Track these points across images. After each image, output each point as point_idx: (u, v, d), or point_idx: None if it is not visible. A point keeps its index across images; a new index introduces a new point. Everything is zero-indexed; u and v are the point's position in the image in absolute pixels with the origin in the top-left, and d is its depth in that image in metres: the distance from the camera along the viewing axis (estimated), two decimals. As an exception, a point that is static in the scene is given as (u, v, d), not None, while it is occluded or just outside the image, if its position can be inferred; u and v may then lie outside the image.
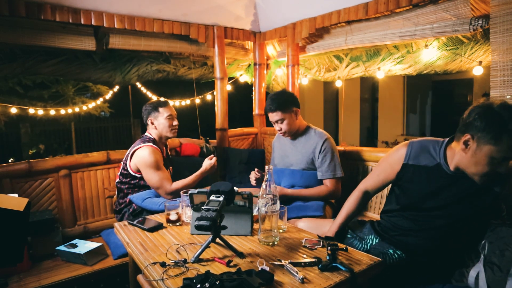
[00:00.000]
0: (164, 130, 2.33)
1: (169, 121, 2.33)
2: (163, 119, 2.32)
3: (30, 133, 8.21)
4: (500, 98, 1.76)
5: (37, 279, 1.85)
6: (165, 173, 2.23)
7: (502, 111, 1.25)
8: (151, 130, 2.37)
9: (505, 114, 1.24)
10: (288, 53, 3.09)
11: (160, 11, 2.71)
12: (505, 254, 1.29)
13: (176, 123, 2.37)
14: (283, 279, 1.16)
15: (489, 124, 1.26)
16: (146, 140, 2.28)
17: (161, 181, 2.17)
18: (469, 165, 1.35)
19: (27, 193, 2.28)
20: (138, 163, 2.21)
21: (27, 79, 4.17)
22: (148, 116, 2.35)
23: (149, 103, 2.42)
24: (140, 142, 2.28)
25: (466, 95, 8.43)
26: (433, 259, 1.49)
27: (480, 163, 1.31)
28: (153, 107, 2.35)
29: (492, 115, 1.26)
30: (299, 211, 2.05)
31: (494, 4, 1.76)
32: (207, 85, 4.17)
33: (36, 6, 2.25)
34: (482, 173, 1.33)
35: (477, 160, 1.31)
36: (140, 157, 2.20)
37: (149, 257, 1.36)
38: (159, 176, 2.18)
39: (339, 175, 2.16)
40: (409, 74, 3.20)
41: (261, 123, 3.60)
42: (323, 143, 2.17)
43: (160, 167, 2.21)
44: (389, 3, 2.24)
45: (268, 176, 1.44)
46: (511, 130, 1.24)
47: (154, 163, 2.18)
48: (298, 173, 2.24)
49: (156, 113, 2.33)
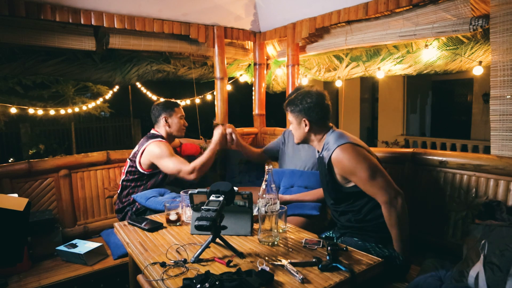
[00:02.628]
0: (176, 129, 2.40)
1: (182, 121, 2.42)
2: (177, 118, 2.39)
3: (30, 133, 8.21)
4: (500, 98, 1.76)
5: (37, 279, 1.84)
6: (180, 158, 2.27)
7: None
8: (160, 128, 2.39)
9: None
10: (288, 53, 3.09)
11: (160, 11, 2.71)
12: (505, 254, 1.29)
13: (186, 124, 2.45)
14: (283, 279, 1.16)
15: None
16: (154, 136, 2.33)
17: (179, 164, 2.20)
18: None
19: (27, 193, 2.28)
20: (152, 157, 2.24)
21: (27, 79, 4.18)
22: (162, 114, 2.38)
23: (163, 101, 2.47)
24: (148, 139, 2.31)
25: (466, 95, 8.44)
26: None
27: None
28: (169, 106, 2.41)
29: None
30: (295, 209, 2.06)
31: (494, 4, 1.76)
32: (207, 85, 4.17)
33: (36, 6, 2.25)
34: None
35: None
36: (152, 151, 2.24)
37: (149, 257, 1.36)
38: (176, 161, 2.21)
39: None
40: (409, 74, 3.20)
41: (261, 123, 3.60)
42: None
43: (174, 154, 2.26)
44: (389, 3, 2.24)
45: (268, 176, 1.44)
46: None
47: (167, 151, 2.22)
48: (298, 172, 2.24)
49: (171, 112, 2.39)
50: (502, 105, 1.76)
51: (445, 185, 1.91)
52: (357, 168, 1.58)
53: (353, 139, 1.67)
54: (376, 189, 1.57)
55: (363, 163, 1.58)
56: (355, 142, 1.64)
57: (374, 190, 1.58)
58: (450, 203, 1.89)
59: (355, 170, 1.58)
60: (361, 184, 1.60)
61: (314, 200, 2.13)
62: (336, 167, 1.65)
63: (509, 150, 1.74)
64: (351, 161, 1.58)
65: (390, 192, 1.56)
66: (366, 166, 1.57)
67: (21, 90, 4.85)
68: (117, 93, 6.40)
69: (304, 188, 2.21)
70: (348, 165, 1.59)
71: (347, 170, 1.61)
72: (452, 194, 1.89)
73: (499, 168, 1.70)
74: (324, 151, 1.71)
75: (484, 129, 7.15)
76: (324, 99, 1.74)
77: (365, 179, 1.57)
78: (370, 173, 1.56)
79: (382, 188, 1.56)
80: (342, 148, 1.61)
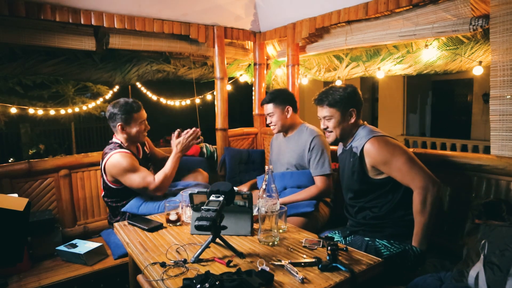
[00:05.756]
0: (135, 136, 2.16)
1: (142, 126, 2.16)
2: (136, 125, 2.13)
3: (30, 133, 8.20)
4: (500, 98, 1.76)
5: (37, 279, 1.85)
6: (145, 170, 2.08)
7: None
8: (119, 135, 2.17)
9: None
10: (288, 53, 3.09)
11: (160, 11, 2.71)
12: (505, 254, 1.28)
13: (148, 128, 2.21)
14: (283, 279, 1.16)
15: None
16: (113, 147, 2.11)
17: (144, 180, 2.02)
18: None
19: (27, 193, 2.28)
20: (114, 173, 2.04)
21: (27, 79, 4.17)
22: (118, 122, 2.11)
23: (118, 104, 2.13)
24: (107, 152, 2.10)
25: (466, 95, 8.43)
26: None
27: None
28: (126, 112, 2.10)
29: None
30: (290, 209, 2.05)
31: (494, 4, 1.76)
32: (207, 85, 4.17)
33: (36, 6, 2.25)
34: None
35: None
36: (113, 167, 2.03)
37: (149, 257, 1.36)
38: (140, 176, 2.03)
39: (329, 171, 2.16)
40: (409, 74, 3.20)
41: (261, 123, 3.60)
42: (313, 140, 2.19)
43: (137, 167, 2.05)
44: (389, 3, 2.24)
45: (268, 176, 1.45)
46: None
47: (129, 166, 2.01)
48: (288, 174, 2.26)
49: (129, 119, 2.11)
50: (502, 105, 1.76)
51: (445, 185, 1.91)
52: (394, 155, 1.58)
53: (386, 134, 1.70)
54: (413, 174, 1.55)
55: (400, 150, 1.60)
56: (389, 136, 1.68)
57: (411, 175, 1.56)
58: (450, 203, 1.89)
59: (391, 158, 1.58)
60: (398, 171, 1.58)
61: (307, 199, 2.13)
62: (368, 157, 1.65)
63: (509, 150, 1.74)
64: (388, 149, 1.60)
65: (429, 178, 1.55)
66: (403, 152, 1.59)
67: (21, 90, 4.85)
68: (117, 93, 6.39)
69: (297, 188, 2.22)
70: (384, 153, 1.60)
71: (383, 159, 1.61)
72: (452, 194, 1.89)
73: (499, 168, 1.70)
74: (355, 142, 1.73)
75: (484, 129, 7.15)
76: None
77: (403, 164, 1.56)
78: (408, 158, 1.57)
79: (420, 174, 1.55)
80: (377, 138, 1.64)
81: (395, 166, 1.59)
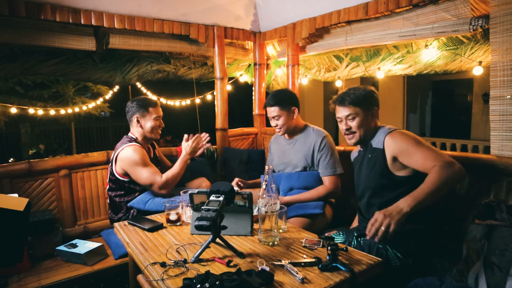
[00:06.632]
0: (149, 131, 2.23)
1: (157, 122, 2.24)
2: (151, 119, 2.22)
3: (30, 133, 8.20)
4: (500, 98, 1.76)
5: (37, 279, 1.84)
6: (154, 167, 2.13)
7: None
8: (134, 130, 2.25)
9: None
10: (288, 53, 3.09)
11: (160, 11, 2.71)
12: (505, 254, 1.29)
13: (162, 125, 2.28)
14: (283, 279, 1.16)
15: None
16: (127, 141, 2.19)
17: (152, 176, 2.07)
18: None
19: (27, 193, 2.28)
20: (124, 165, 2.10)
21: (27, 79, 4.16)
22: (135, 114, 2.21)
23: (137, 99, 2.27)
24: (121, 144, 2.17)
25: (466, 95, 8.44)
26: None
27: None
28: (143, 105, 2.21)
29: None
30: (298, 210, 2.05)
31: (494, 4, 1.76)
32: (207, 85, 4.17)
33: (36, 6, 2.25)
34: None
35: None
36: (125, 158, 2.09)
37: (149, 257, 1.36)
38: (149, 172, 2.08)
39: (338, 172, 2.16)
40: (409, 74, 3.21)
41: (261, 123, 3.60)
42: (322, 140, 2.18)
43: (148, 162, 2.11)
44: (389, 3, 2.24)
45: (268, 176, 1.44)
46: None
47: (140, 160, 2.07)
48: (295, 175, 2.23)
49: (144, 112, 2.21)
50: (502, 105, 1.76)
51: (445, 185, 1.91)
52: (414, 143, 1.58)
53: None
54: (436, 155, 1.51)
55: (419, 139, 1.62)
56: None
57: (433, 155, 1.50)
58: (450, 203, 1.89)
59: (410, 145, 1.58)
60: (419, 155, 1.54)
61: (314, 198, 2.12)
62: (388, 148, 1.65)
63: (509, 150, 1.74)
64: (408, 137, 1.62)
65: (450, 158, 1.50)
66: (422, 140, 1.61)
67: (21, 90, 4.84)
68: (117, 93, 6.39)
69: (303, 189, 2.20)
70: (405, 141, 1.60)
71: (402, 146, 1.60)
72: (452, 194, 1.89)
73: (499, 168, 1.70)
74: (375, 140, 1.74)
75: (484, 129, 7.15)
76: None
77: (424, 149, 1.54)
78: (428, 145, 1.58)
79: (443, 155, 1.52)
80: (396, 131, 1.68)
81: (415, 152, 1.55)
